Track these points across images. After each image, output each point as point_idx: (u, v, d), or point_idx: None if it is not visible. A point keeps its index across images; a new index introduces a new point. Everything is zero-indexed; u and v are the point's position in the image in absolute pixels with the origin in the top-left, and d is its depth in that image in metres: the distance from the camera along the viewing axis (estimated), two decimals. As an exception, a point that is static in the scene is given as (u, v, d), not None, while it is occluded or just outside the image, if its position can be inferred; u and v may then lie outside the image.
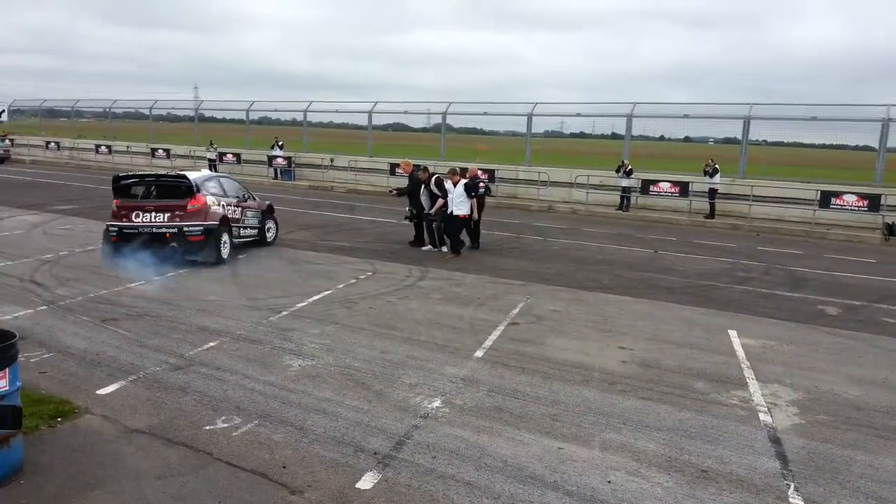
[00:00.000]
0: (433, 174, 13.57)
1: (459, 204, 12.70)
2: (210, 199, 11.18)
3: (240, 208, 12.24)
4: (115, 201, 10.91)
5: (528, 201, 23.26)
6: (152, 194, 11.29)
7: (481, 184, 13.86)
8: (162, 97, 49.88)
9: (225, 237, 11.35)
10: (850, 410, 6.00)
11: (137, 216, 10.68)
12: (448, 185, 12.98)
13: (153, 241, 10.69)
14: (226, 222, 11.43)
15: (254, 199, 13.09)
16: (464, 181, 12.85)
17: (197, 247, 10.79)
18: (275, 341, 7.28)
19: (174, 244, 10.79)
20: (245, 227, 12.45)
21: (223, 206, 11.51)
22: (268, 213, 13.41)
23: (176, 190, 11.06)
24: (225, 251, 11.34)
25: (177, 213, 10.71)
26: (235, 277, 10.30)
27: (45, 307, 8.25)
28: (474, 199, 13.08)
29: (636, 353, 7.35)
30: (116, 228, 10.71)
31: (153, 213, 10.70)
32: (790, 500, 4.42)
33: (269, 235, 13.42)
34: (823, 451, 5.16)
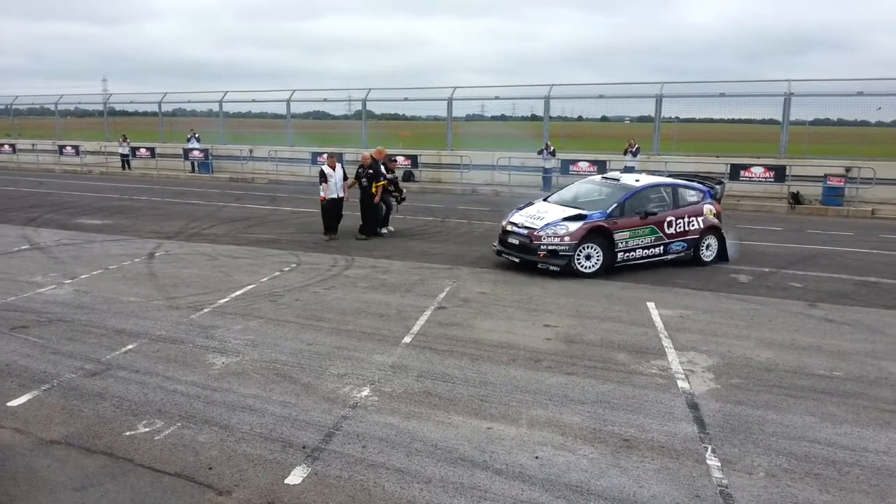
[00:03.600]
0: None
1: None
2: None
3: None
4: None
5: (452, 185, 23.36)
6: None
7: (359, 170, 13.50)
8: (68, 91, 47.36)
9: None
10: (762, 373, 6.32)
11: None
12: (327, 169, 13.13)
13: None
14: None
15: None
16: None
17: None
18: (196, 340, 7.09)
19: None
20: None
21: None
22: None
23: None
24: None
25: None
26: (153, 277, 9.96)
27: (-55, 318, 7.78)
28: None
29: (560, 330, 7.52)
30: None
31: None
32: (707, 461, 4.62)
33: None
34: (738, 413, 5.42)
